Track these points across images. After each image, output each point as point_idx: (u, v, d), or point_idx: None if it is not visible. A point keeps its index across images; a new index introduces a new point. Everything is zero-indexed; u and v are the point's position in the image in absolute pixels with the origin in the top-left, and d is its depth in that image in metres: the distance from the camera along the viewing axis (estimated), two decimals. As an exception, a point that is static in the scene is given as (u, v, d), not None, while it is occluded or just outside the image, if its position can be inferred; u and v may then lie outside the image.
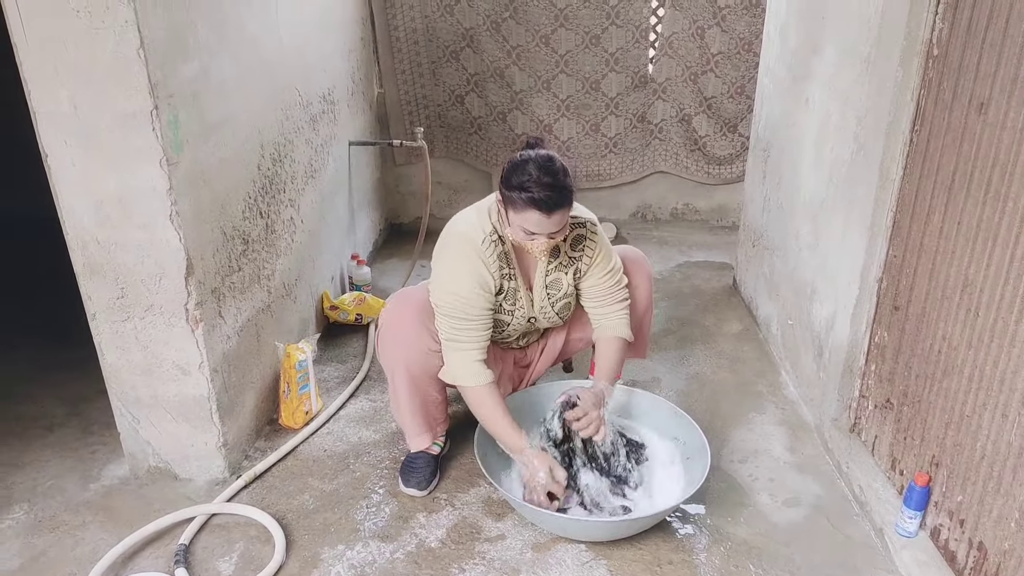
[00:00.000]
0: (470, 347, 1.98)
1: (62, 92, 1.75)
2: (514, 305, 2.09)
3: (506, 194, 1.88)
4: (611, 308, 2.17)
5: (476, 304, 1.97)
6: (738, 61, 3.95)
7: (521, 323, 2.14)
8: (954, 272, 1.74)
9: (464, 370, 1.99)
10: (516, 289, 2.08)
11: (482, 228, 1.99)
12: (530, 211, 1.83)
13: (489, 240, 1.98)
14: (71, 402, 2.59)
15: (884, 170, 2.02)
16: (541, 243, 1.91)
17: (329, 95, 3.15)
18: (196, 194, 1.96)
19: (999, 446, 1.57)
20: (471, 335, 1.98)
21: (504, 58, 3.92)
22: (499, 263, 2.01)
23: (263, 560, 1.90)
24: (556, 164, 1.86)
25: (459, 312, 1.96)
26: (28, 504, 2.11)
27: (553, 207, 1.83)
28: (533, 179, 1.82)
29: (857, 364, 2.24)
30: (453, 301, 1.96)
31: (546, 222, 1.85)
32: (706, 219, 4.41)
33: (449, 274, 1.99)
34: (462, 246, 1.98)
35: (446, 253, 2.02)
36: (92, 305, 1.99)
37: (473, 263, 1.96)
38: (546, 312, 2.14)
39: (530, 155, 1.88)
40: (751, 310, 3.30)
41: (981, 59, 1.63)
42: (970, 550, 1.69)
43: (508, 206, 1.89)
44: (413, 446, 2.17)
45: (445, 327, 1.98)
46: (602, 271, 2.13)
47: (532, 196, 1.82)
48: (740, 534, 2.01)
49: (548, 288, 2.11)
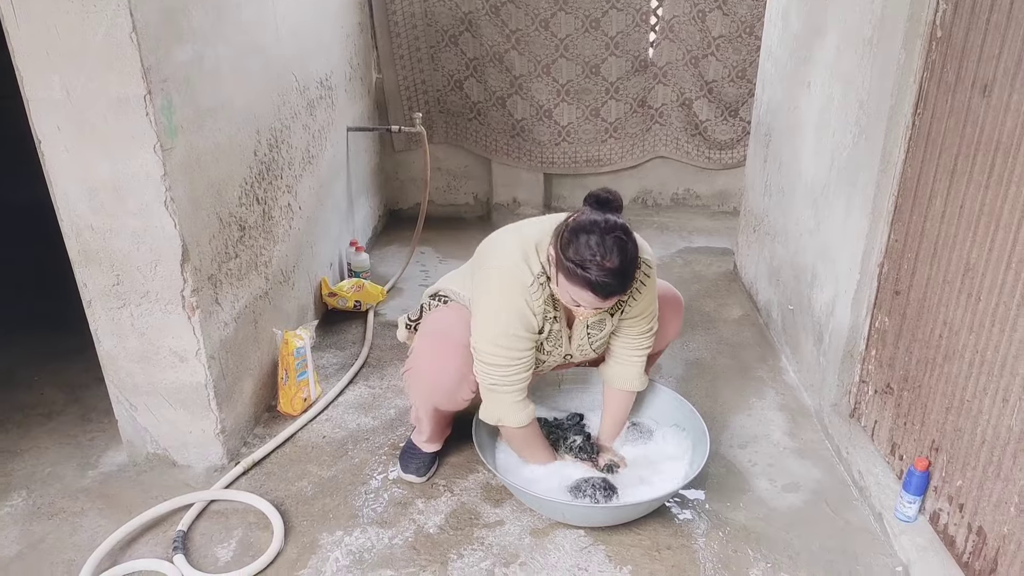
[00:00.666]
0: (513, 391, 1.88)
1: (54, 77, 1.73)
2: (554, 346, 1.97)
3: (562, 261, 1.66)
4: (630, 352, 2.04)
5: (520, 348, 1.84)
6: (739, 44, 3.91)
7: (557, 360, 2.04)
8: (956, 257, 1.72)
9: (507, 413, 1.91)
10: (560, 331, 1.94)
11: (530, 268, 1.80)
12: (585, 292, 1.65)
13: (538, 283, 1.80)
14: (70, 389, 2.59)
15: (886, 154, 2.00)
16: (585, 312, 1.78)
17: (327, 80, 3.12)
18: (191, 180, 1.94)
19: (999, 431, 1.56)
20: (514, 380, 1.86)
21: (503, 42, 3.89)
22: (545, 307, 1.84)
23: (261, 546, 1.90)
24: (628, 247, 1.64)
25: (503, 361, 1.83)
26: (27, 491, 2.11)
27: (611, 295, 1.66)
28: (597, 262, 1.61)
29: (857, 349, 2.22)
30: (497, 351, 1.82)
31: (600, 303, 1.69)
32: (707, 204, 4.38)
33: (493, 319, 1.82)
34: (508, 287, 1.80)
35: (491, 293, 1.83)
36: (88, 292, 1.97)
37: (519, 307, 1.80)
38: (583, 350, 2.02)
39: (599, 226, 1.63)
40: (751, 295, 3.29)
41: (985, 40, 1.61)
42: (969, 535, 1.69)
43: (560, 271, 1.69)
44: (425, 449, 2.16)
45: (485, 375, 1.86)
46: (642, 315, 1.98)
47: (590, 279, 1.62)
48: (739, 519, 2.01)
49: (589, 328, 1.97)
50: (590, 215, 1.69)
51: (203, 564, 1.85)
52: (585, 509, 1.93)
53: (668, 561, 1.87)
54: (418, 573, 1.83)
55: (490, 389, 1.89)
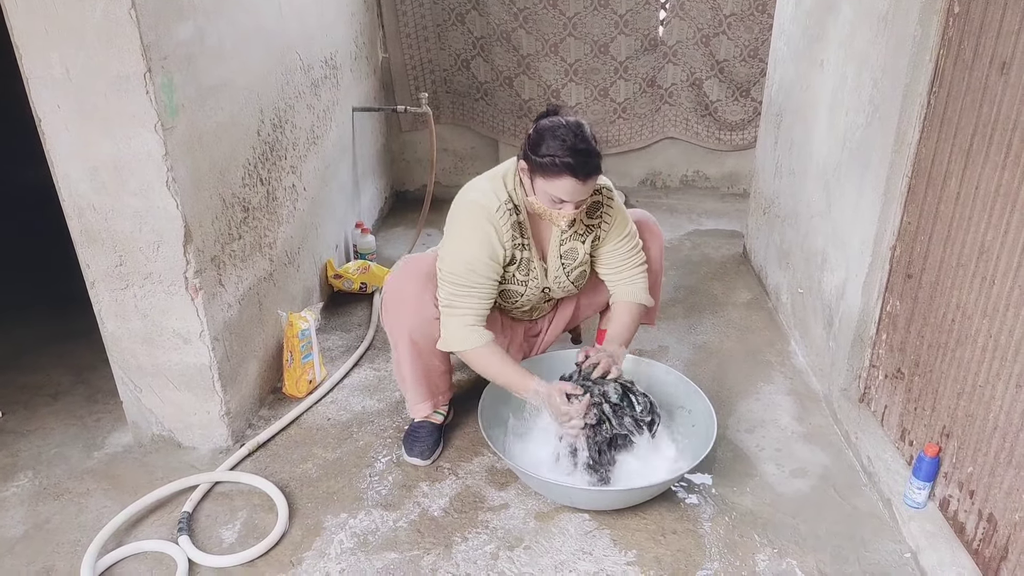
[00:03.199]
0: (466, 313, 1.94)
1: (53, 55, 1.70)
2: (527, 275, 2.05)
3: (535, 161, 1.81)
4: (629, 273, 2.15)
5: (481, 273, 1.93)
6: (751, 23, 3.84)
7: (535, 293, 2.11)
8: (970, 239, 1.68)
9: (459, 334, 1.95)
10: (530, 259, 2.04)
11: (497, 196, 1.94)
12: (564, 178, 1.79)
13: (504, 208, 1.94)
14: (76, 370, 2.59)
15: (900, 134, 1.95)
16: (568, 211, 1.87)
17: (331, 59, 3.09)
18: (193, 160, 1.92)
19: (1012, 417, 1.53)
20: (469, 303, 1.94)
21: (511, 21, 3.83)
22: (512, 232, 1.96)
23: (266, 528, 1.90)
24: (587, 130, 1.83)
25: (462, 280, 1.92)
26: (33, 472, 2.11)
27: (589, 173, 1.81)
28: (567, 145, 1.77)
29: (868, 333, 2.19)
30: (458, 268, 1.92)
31: (579, 188, 1.82)
32: (716, 186, 4.33)
33: (459, 241, 1.94)
34: (475, 213, 1.93)
35: (457, 220, 1.97)
36: (91, 273, 1.96)
37: (485, 231, 1.92)
38: (560, 282, 2.11)
39: (560, 121, 1.83)
40: (761, 279, 3.25)
41: (1004, 16, 1.56)
42: (979, 522, 1.66)
43: (537, 173, 1.83)
44: (414, 413, 2.16)
45: (445, 294, 1.95)
46: (619, 236, 2.10)
47: (568, 162, 1.77)
48: (746, 504, 1.99)
49: (563, 258, 2.08)
50: (547, 119, 1.85)
51: (208, 545, 1.85)
52: (591, 492, 1.91)
53: (673, 545, 1.86)
54: (422, 556, 1.83)
55: (447, 309, 1.95)
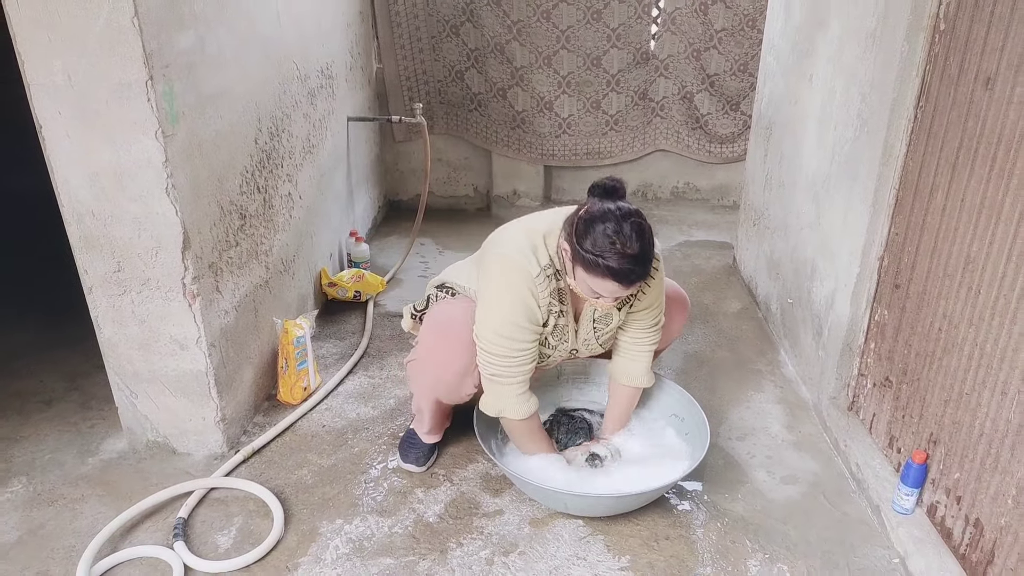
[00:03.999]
0: (514, 383, 1.87)
1: (56, 63, 1.72)
2: (560, 340, 1.95)
3: (579, 252, 1.65)
4: (638, 349, 2.03)
5: (522, 339, 1.82)
6: (741, 38, 3.91)
7: (563, 355, 2.02)
8: (956, 250, 1.73)
9: (509, 405, 1.90)
10: (566, 325, 1.92)
11: (537, 259, 1.78)
12: (607, 281, 1.64)
13: (544, 275, 1.79)
14: (70, 377, 2.59)
15: (888, 147, 2.00)
16: (606, 304, 1.75)
17: (327, 69, 3.11)
18: (192, 167, 1.94)
19: (998, 423, 1.56)
20: (516, 371, 1.85)
21: (505, 33, 3.88)
22: (551, 299, 1.83)
23: (262, 534, 1.90)
24: (646, 232, 1.64)
25: (505, 351, 1.81)
26: (27, 478, 2.11)
27: (635, 281, 1.65)
28: (618, 250, 1.60)
29: (856, 342, 2.23)
30: (500, 341, 1.80)
31: (622, 292, 1.68)
32: (707, 198, 4.39)
33: (497, 309, 1.80)
34: (514, 277, 1.78)
35: (495, 282, 1.81)
36: (88, 279, 1.97)
37: (524, 298, 1.78)
38: (589, 344, 2.01)
39: (614, 213, 1.63)
40: (751, 289, 3.30)
41: (989, 33, 1.61)
42: (966, 527, 1.69)
43: (578, 264, 1.67)
44: (426, 440, 2.16)
45: (487, 366, 1.85)
46: (649, 308, 1.97)
47: (612, 267, 1.61)
48: (737, 510, 2.02)
49: (595, 323, 1.96)
50: (601, 204, 1.67)
51: (203, 551, 1.86)
52: (585, 499, 1.93)
53: (667, 551, 1.88)
54: (418, 562, 1.84)
55: (491, 379, 1.88)
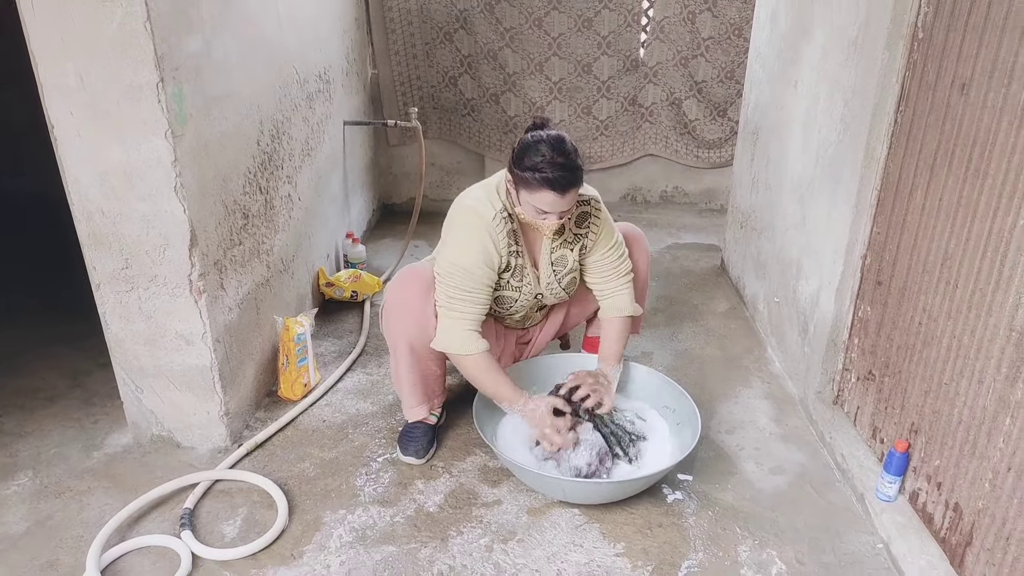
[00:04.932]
0: (465, 317, 2.02)
1: (69, 64, 1.77)
2: (521, 281, 2.13)
3: (518, 174, 1.90)
4: (616, 282, 2.23)
5: (478, 278, 2.01)
6: (728, 46, 4.01)
7: (528, 299, 2.18)
8: (935, 247, 1.81)
9: (457, 338, 2.02)
10: (523, 266, 2.11)
11: (492, 205, 2.02)
12: (544, 191, 1.87)
13: (500, 216, 2.01)
14: (72, 374, 2.63)
15: (869, 150, 2.09)
16: (552, 222, 1.96)
17: (324, 74, 3.18)
18: (199, 167, 2.00)
19: (975, 411, 1.65)
20: (468, 306, 2.02)
21: (497, 40, 3.96)
22: (508, 240, 2.04)
23: (266, 524, 1.95)
24: (568, 144, 1.90)
25: (460, 283, 2.00)
26: (33, 471, 2.15)
27: (567, 186, 1.88)
28: (547, 159, 1.85)
29: (841, 338, 2.31)
30: (456, 272, 1.99)
31: (559, 201, 1.89)
32: (695, 202, 4.48)
33: (457, 246, 2.02)
34: (473, 220, 2.01)
35: (455, 226, 2.04)
36: (96, 275, 2.02)
37: (482, 238, 1.99)
38: (552, 288, 2.19)
39: (542, 135, 1.91)
40: (738, 289, 3.38)
41: (964, 41, 1.70)
42: (946, 511, 1.77)
43: (520, 186, 1.92)
44: (410, 416, 2.23)
45: (443, 295, 2.02)
46: (606, 246, 2.19)
47: (546, 176, 1.85)
48: (727, 500, 2.09)
49: (554, 265, 2.16)
50: (531, 133, 1.94)
51: (210, 540, 1.90)
52: (582, 485, 1.99)
53: (660, 538, 1.95)
54: (419, 549, 1.89)
55: (444, 310, 2.02)
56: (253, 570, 1.82)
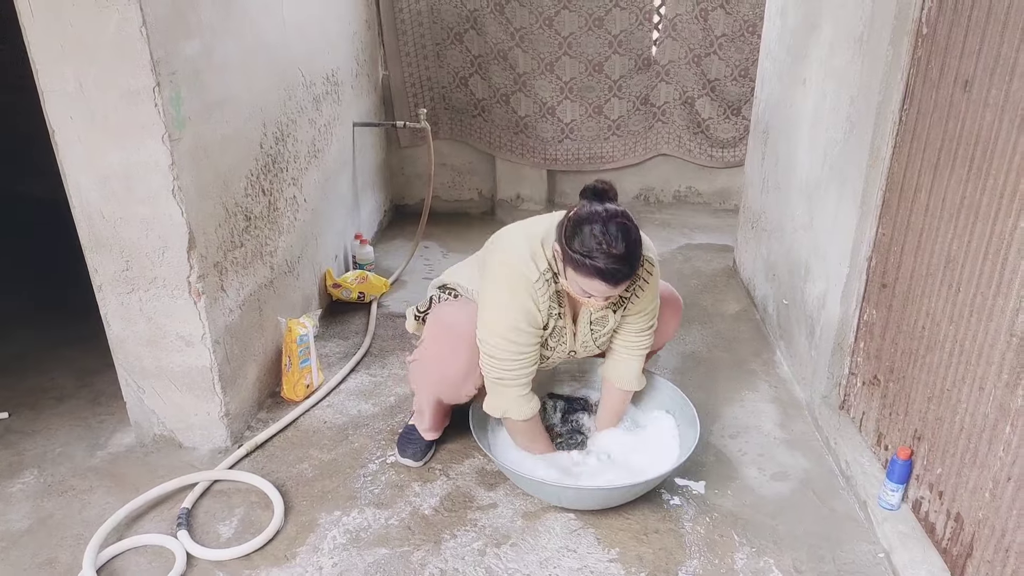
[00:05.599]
0: (517, 385, 1.93)
1: (67, 70, 1.80)
2: (558, 342, 2.00)
3: (568, 253, 1.71)
4: (633, 351, 2.08)
5: (524, 343, 1.87)
6: (742, 43, 3.95)
7: (561, 356, 2.07)
8: (938, 249, 1.76)
9: (512, 407, 1.96)
10: (563, 327, 1.98)
11: (536, 264, 1.84)
12: (595, 281, 1.69)
13: (543, 279, 1.84)
14: (81, 374, 2.67)
15: (874, 149, 2.04)
16: (597, 304, 1.81)
17: (332, 76, 3.19)
18: (198, 170, 2.01)
19: (976, 418, 1.60)
20: (518, 374, 1.91)
21: (507, 40, 3.95)
22: (550, 303, 1.88)
23: (262, 524, 1.96)
24: (631, 232, 1.69)
25: (507, 354, 1.87)
26: (38, 470, 2.18)
27: (621, 280, 1.71)
28: (603, 250, 1.65)
29: (847, 342, 2.27)
30: (501, 344, 1.86)
31: (611, 291, 1.73)
32: (709, 202, 4.42)
33: (499, 314, 1.86)
34: (514, 283, 1.84)
35: (496, 288, 1.87)
36: (98, 277, 2.05)
37: (525, 302, 1.84)
38: (587, 346, 2.06)
39: (601, 215, 1.68)
40: (749, 291, 3.33)
41: (967, 37, 1.65)
42: (948, 521, 1.73)
43: (568, 264, 1.73)
44: (426, 436, 2.22)
45: (490, 367, 1.91)
46: (641, 311, 2.01)
47: (599, 267, 1.66)
48: (727, 505, 2.06)
49: (593, 325, 2.01)
50: (590, 206, 1.72)
51: (206, 540, 1.92)
52: (576, 491, 1.98)
53: (655, 544, 1.92)
54: (412, 552, 1.89)
55: (495, 382, 1.94)
56: (246, 571, 1.83)
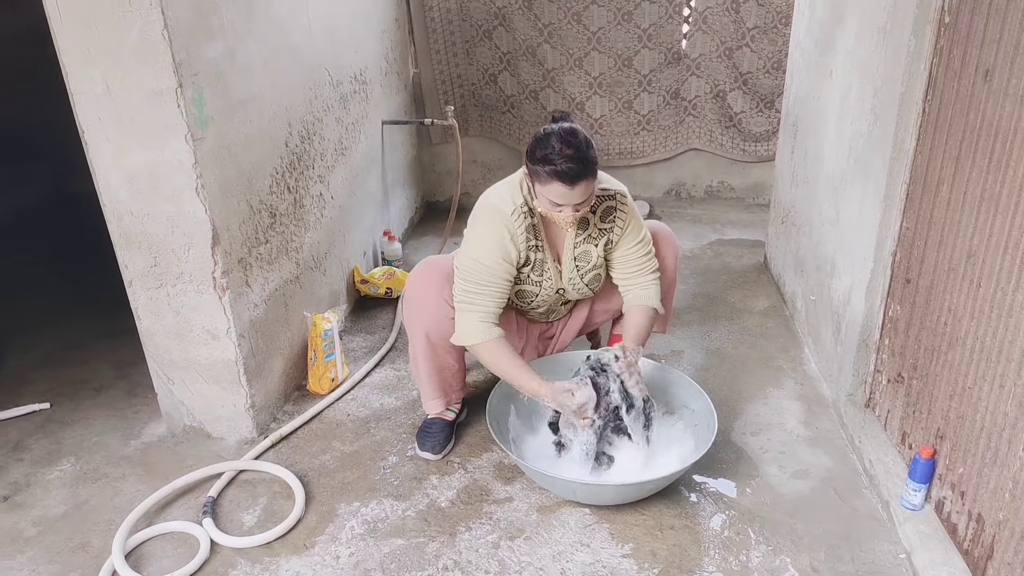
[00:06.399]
0: (478, 310, 2.04)
1: (95, 73, 1.87)
2: (541, 276, 2.13)
3: (531, 167, 1.93)
4: (641, 279, 2.19)
5: (495, 273, 2.03)
6: (775, 35, 3.88)
7: (549, 294, 2.19)
8: (960, 243, 1.72)
9: (471, 328, 2.04)
10: (543, 260, 2.12)
11: (512, 200, 2.04)
12: (553, 183, 1.88)
13: (519, 212, 2.03)
14: (119, 366, 2.77)
15: (898, 141, 1.99)
16: (567, 214, 1.95)
17: (360, 75, 3.24)
18: (221, 168, 2.07)
19: (996, 417, 1.56)
20: (483, 300, 2.03)
21: (536, 36, 3.95)
22: (527, 235, 2.05)
23: (284, 514, 2.01)
24: (579, 136, 1.89)
25: (476, 277, 2.02)
26: (75, 458, 2.28)
27: (575, 178, 1.87)
28: (555, 151, 1.86)
29: (872, 338, 2.22)
30: (473, 266, 2.02)
31: (570, 193, 1.89)
32: (741, 197, 4.36)
33: (475, 242, 2.05)
34: (491, 216, 2.03)
35: (475, 222, 2.08)
36: (128, 273, 2.12)
37: (500, 233, 2.02)
38: (575, 284, 2.18)
39: (553, 128, 1.92)
40: (779, 287, 3.28)
41: (987, 25, 1.60)
42: (969, 522, 1.68)
43: (534, 179, 1.94)
44: (427, 409, 2.26)
45: (460, 290, 2.04)
46: (632, 242, 2.16)
47: (555, 168, 1.86)
48: (745, 503, 2.04)
49: (577, 260, 2.15)
50: (548, 126, 1.94)
51: (229, 528, 1.98)
52: (590, 486, 1.98)
53: (670, 540, 1.92)
54: (427, 543, 1.92)
55: (461, 304, 2.05)
56: (267, 558, 1.88)
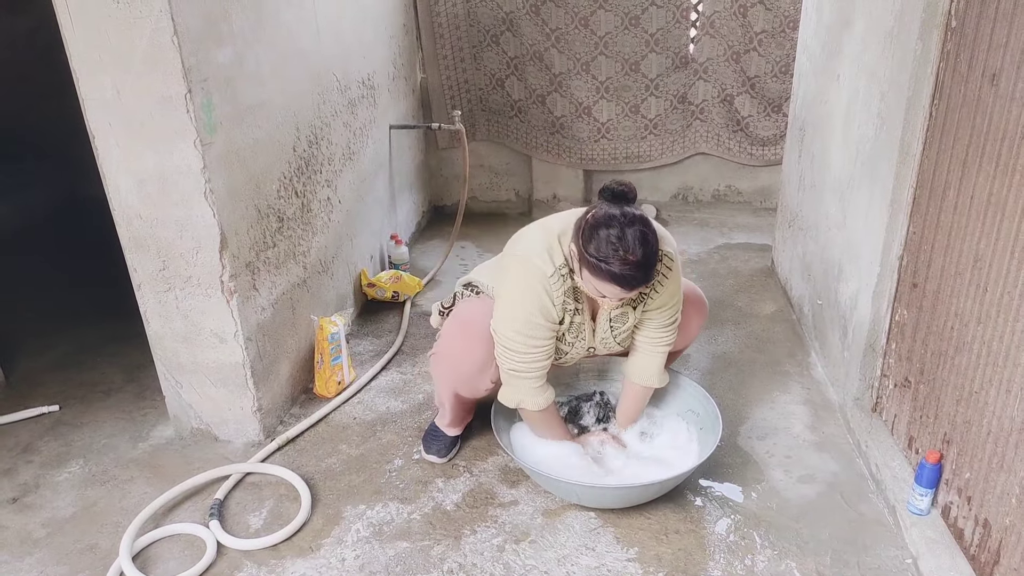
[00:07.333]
0: (532, 376, 1.94)
1: (106, 78, 1.89)
2: (576, 338, 2.00)
3: (585, 256, 1.70)
4: (656, 346, 2.05)
5: (538, 336, 1.88)
6: (782, 39, 3.88)
7: (580, 352, 2.07)
8: (967, 247, 1.71)
9: (526, 397, 1.97)
10: (581, 323, 1.98)
11: (552, 259, 1.84)
12: (609, 284, 1.69)
13: (558, 274, 1.84)
14: (128, 370, 2.79)
15: (905, 145, 1.99)
16: (611, 304, 1.83)
17: (368, 80, 3.25)
18: (230, 173, 2.09)
19: (1003, 422, 1.55)
20: (533, 366, 1.92)
21: (543, 41, 3.96)
22: (566, 298, 1.88)
23: (290, 516, 2.02)
24: (649, 238, 1.68)
25: (521, 347, 1.89)
26: (84, 460, 2.30)
27: (636, 285, 1.70)
28: (619, 256, 1.65)
29: (879, 343, 2.21)
30: (517, 338, 1.87)
31: (625, 294, 1.73)
32: (749, 201, 4.35)
33: (513, 307, 1.87)
34: (529, 277, 1.84)
35: (511, 281, 1.88)
36: (137, 276, 2.14)
37: (539, 296, 1.84)
38: (607, 343, 2.05)
39: (618, 218, 1.68)
40: (786, 291, 3.27)
41: (994, 29, 1.60)
42: (976, 527, 1.68)
43: (584, 266, 1.73)
44: (448, 432, 2.25)
45: (506, 359, 1.92)
46: (664, 307, 1.98)
47: (614, 272, 1.66)
48: (750, 507, 2.03)
49: (612, 322, 2.00)
50: (607, 209, 1.72)
51: (236, 530, 1.99)
52: (595, 489, 1.98)
53: (675, 544, 1.91)
54: (432, 546, 1.93)
55: (510, 374, 1.96)
56: (272, 560, 1.89)
